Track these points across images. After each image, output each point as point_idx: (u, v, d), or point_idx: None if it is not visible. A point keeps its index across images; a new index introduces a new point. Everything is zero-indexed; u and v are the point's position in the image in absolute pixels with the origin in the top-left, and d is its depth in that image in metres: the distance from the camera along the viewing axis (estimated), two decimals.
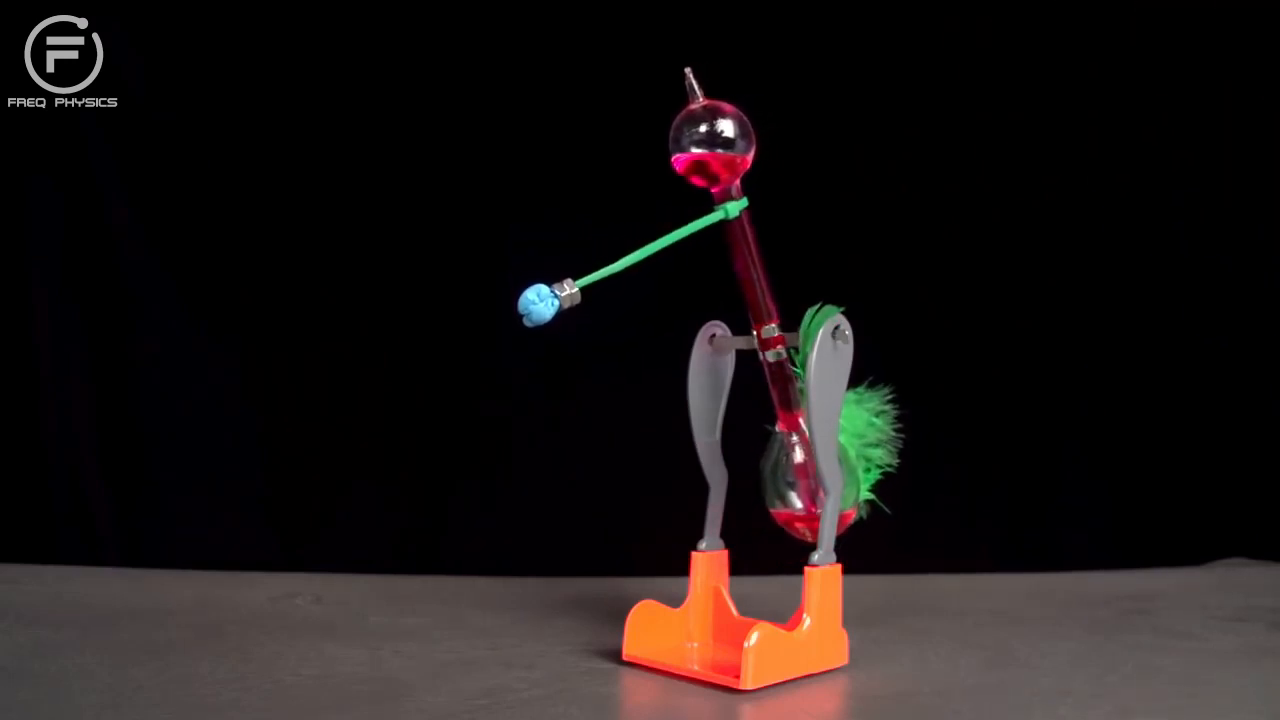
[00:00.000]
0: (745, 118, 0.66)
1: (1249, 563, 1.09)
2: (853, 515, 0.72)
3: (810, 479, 0.70)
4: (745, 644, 0.63)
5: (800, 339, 0.68)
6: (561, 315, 0.60)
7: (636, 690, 0.64)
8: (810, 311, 0.68)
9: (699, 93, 0.66)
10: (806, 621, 0.66)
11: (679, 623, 0.71)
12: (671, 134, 0.65)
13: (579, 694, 0.62)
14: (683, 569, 0.72)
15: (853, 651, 0.69)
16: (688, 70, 0.66)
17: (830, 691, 0.65)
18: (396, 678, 0.65)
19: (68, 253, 1.02)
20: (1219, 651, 0.75)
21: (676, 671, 0.66)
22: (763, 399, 0.74)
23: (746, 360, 0.73)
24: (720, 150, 0.64)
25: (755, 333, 0.69)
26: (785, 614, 0.68)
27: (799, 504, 0.71)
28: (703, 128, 0.64)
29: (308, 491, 1.05)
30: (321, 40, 1.04)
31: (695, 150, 0.64)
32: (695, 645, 0.71)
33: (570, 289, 0.61)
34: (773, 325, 0.68)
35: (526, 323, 0.60)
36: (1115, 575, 1.03)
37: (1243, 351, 1.12)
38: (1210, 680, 0.67)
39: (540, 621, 0.80)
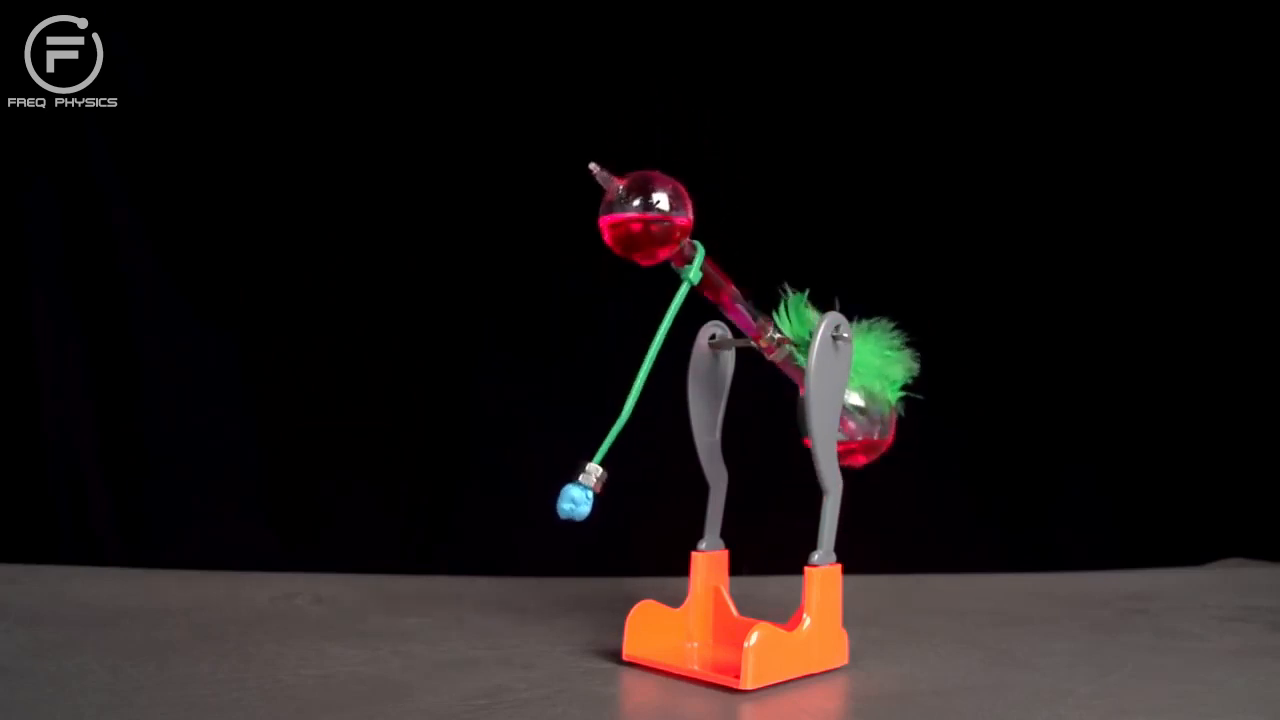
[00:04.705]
0: (672, 182, 0.62)
1: (1249, 563, 1.10)
2: (892, 439, 0.72)
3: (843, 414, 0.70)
4: (745, 644, 0.63)
5: (788, 329, 0.68)
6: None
7: (636, 690, 0.64)
8: (786, 315, 0.68)
9: (611, 179, 0.62)
10: (806, 621, 0.66)
11: (679, 623, 0.71)
12: (603, 210, 0.62)
13: (579, 694, 0.62)
14: (683, 569, 0.72)
15: (853, 651, 0.69)
16: (592, 166, 0.62)
17: (830, 691, 0.65)
18: (396, 678, 0.65)
19: (68, 253, 1.02)
20: (1219, 651, 0.75)
21: (676, 671, 0.66)
22: (762, 398, 0.74)
23: (746, 360, 0.73)
24: (658, 214, 0.60)
25: (756, 342, 0.69)
26: (785, 614, 0.67)
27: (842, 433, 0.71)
28: (635, 200, 0.60)
29: (308, 491, 1.05)
30: (320, 40, 1.04)
31: (632, 213, 0.60)
32: (695, 645, 0.71)
33: (597, 474, 0.62)
34: (770, 332, 0.68)
35: (573, 520, 0.62)
36: (1115, 575, 1.03)
37: (1243, 351, 1.12)
38: (1210, 680, 0.67)
39: (540, 621, 0.80)
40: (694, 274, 0.64)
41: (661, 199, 0.61)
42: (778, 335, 0.68)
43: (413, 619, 0.80)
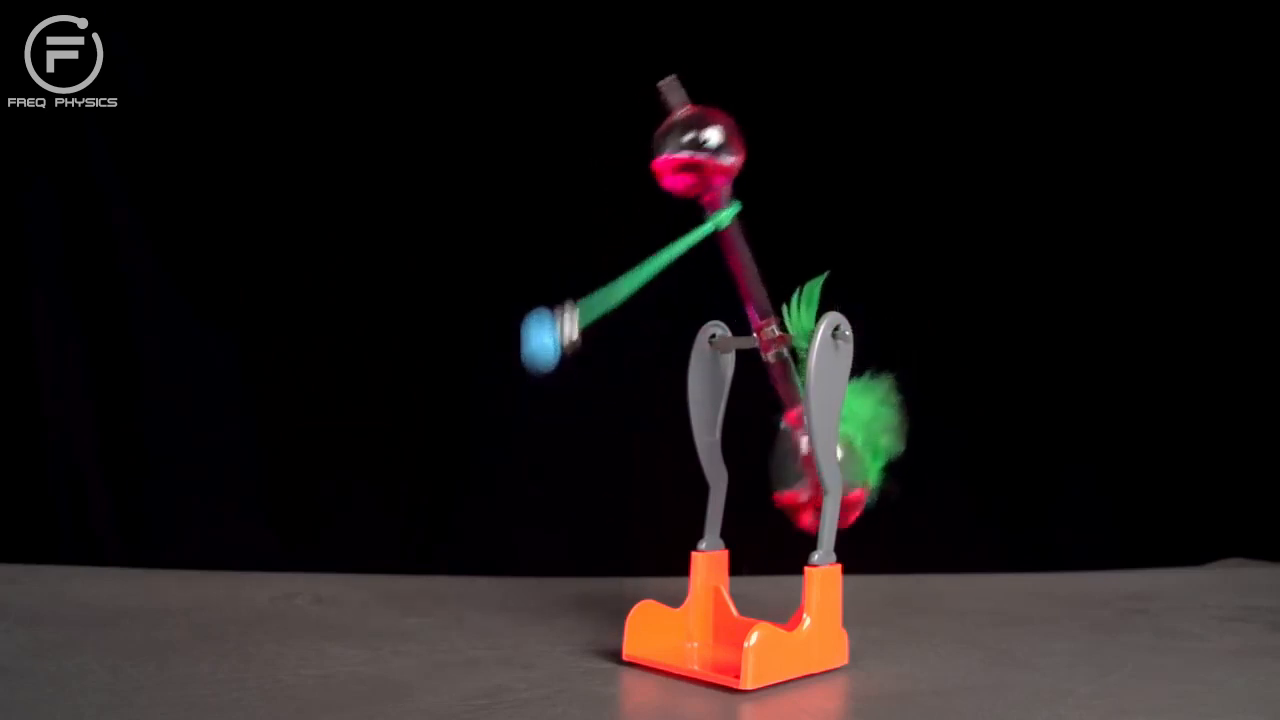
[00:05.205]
0: (733, 121, 0.64)
1: (1249, 563, 1.09)
2: (864, 495, 0.71)
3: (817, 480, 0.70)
4: (745, 644, 0.63)
5: (791, 330, 0.68)
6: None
7: (636, 690, 0.64)
8: (798, 303, 0.68)
9: (680, 100, 0.64)
10: (806, 621, 0.66)
11: (679, 623, 0.71)
12: (655, 141, 0.64)
13: (579, 694, 0.62)
14: (683, 569, 0.72)
15: (853, 651, 0.69)
16: (668, 80, 0.64)
17: (830, 691, 0.65)
18: (396, 678, 0.65)
19: (68, 253, 1.02)
20: (1219, 651, 0.75)
21: (676, 671, 0.66)
22: (763, 399, 0.74)
23: (746, 360, 0.73)
24: (707, 155, 0.63)
25: (756, 334, 0.69)
26: (785, 614, 0.67)
27: (805, 494, 0.70)
28: (688, 135, 0.63)
29: (308, 491, 1.05)
30: (320, 40, 1.04)
31: (680, 154, 0.63)
32: (695, 645, 0.71)
33: (570, 337, 0.60)
34: (773, 326, 0.68)
35: (535, 367, 0.60)
36: (1115, 575, 1.03)
37: (1243, 352, 1.12)
38: (1210, 680, 0.67)
39: (540, 621, 0.80)
40: (725, 219, 0.64)
41: (711, 136, 0.62)
42: (778, 333, 0.68)
43: (413, 619, 0.80)
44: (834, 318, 0.67)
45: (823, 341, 0.66)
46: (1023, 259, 1.10)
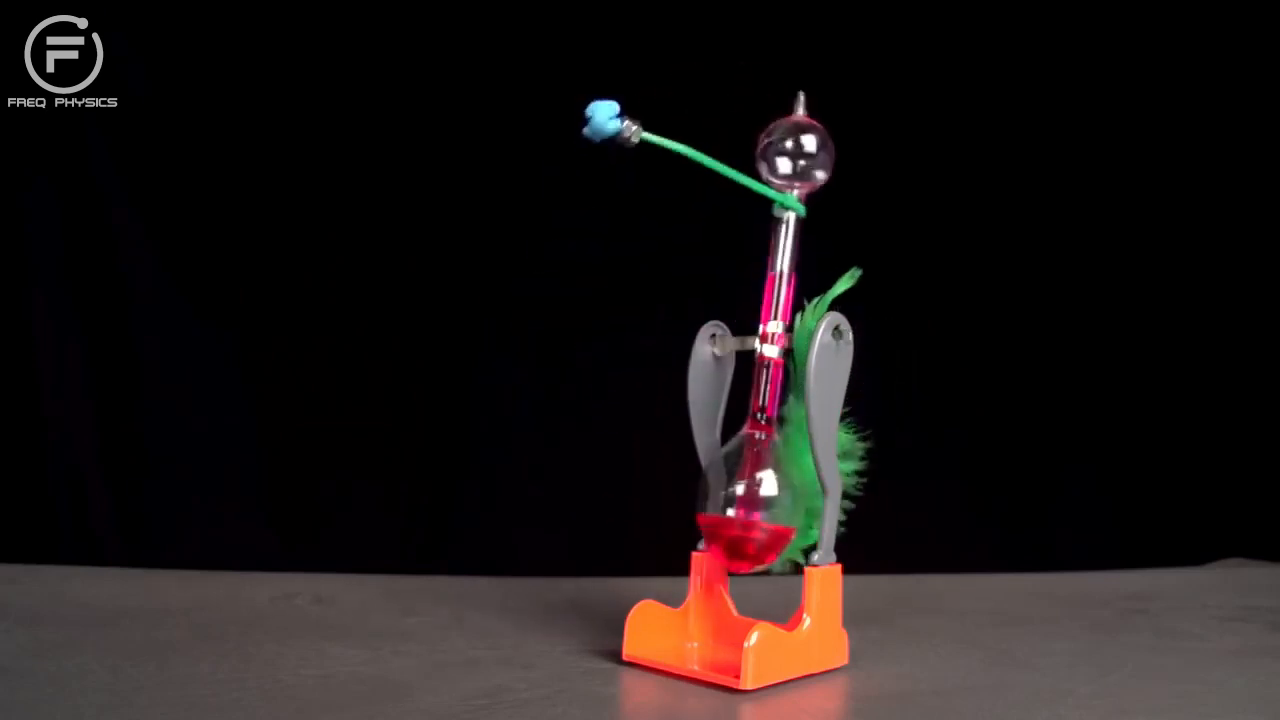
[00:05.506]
0: (833, 144, 0.69)
1: (1249, 563, 1.09)
2: (790, 535, 0.67)
3: (747, 506, 0.66)
4: (745, 644, 0.63)
5: (806, 317, 0.68)
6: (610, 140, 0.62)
7: (636, 690, 0.64)
8: (811, 307, 0.68)
9: (800, 110, 0.69)
10: (806, 621, 0.66)
11: (679, 623, 0.71)
12: (766, 128, 0.69)
13: (579, 694, 0.62)
14: (683, 569, 0.72)
15: (853, 651, 0.69)
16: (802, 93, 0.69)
17: (830, 691, 0.65)
18: (396, 678, 0.65)
19: (68, 253, 1.02)
20: (1219, 651, 0.75)
21: (676, 671, 0.66)
22: None
23: (746, 360, 0.73)
24: (803, 161, 0.69)
25: (762, 326, 0.68)
26: (785, 614, 0.67)
27: (728, 522, 0.67)
28: (789, 138, 0.69)
29: (308, 491, 1.05)
30: (320, 40, 1.04)
31: (779, 161, 0.68)
32: (695, 645, 0.71)
33: (634, 131, 0.63)
34: (777, 323, 0.68)
35: (586, 130, 0.63)
36: (1115, 575, 1.03)
37: (1243, 352, 1.12)
38: (1210, 680, 0.67)
39: (540, 621, 0.80)
40: (786, 200, 0.69)
41: (809, 145, 0.69)
42: (779, 332, 0.68)
43: (413, 619, 0.80)
44: (834, 318, 0.67)
45: (822, 341, 0.66)
46: (1023, 259, 1.10)
